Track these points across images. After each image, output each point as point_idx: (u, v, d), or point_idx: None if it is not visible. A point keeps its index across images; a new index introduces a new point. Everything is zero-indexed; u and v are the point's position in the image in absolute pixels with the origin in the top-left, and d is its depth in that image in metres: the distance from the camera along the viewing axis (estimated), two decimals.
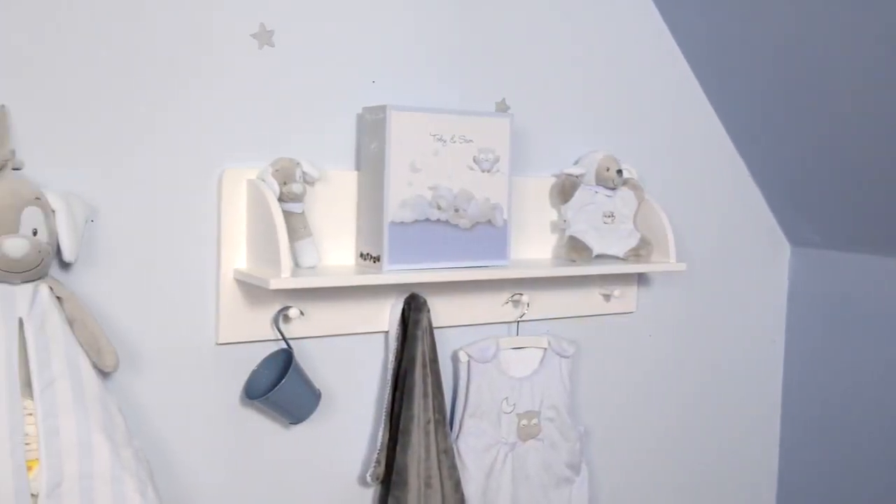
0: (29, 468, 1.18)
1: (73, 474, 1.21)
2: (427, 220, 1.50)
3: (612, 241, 1.76)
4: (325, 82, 1.52)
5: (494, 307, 1.73)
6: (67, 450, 1.20)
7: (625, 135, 1.89)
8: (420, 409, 1.54)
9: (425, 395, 1.55)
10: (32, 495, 1.18)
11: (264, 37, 1.45)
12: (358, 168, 1.55)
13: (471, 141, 1.53)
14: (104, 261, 1.35)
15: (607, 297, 1.87)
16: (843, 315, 2.10)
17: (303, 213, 1.45)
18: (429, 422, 1.56)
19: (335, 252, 1.53)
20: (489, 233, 1.57)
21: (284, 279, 1.33)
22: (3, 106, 1.24)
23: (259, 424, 1.51)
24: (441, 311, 1.64)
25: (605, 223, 1.76)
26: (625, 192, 1.79)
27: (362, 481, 1.62)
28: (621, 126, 1.88)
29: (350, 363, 1.59)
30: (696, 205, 2.03)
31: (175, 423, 1.43)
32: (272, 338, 1.49)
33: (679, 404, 2.08)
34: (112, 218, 1.35)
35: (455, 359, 1.69)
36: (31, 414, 1.19)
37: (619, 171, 1.76)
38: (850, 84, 1.71)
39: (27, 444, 1.18)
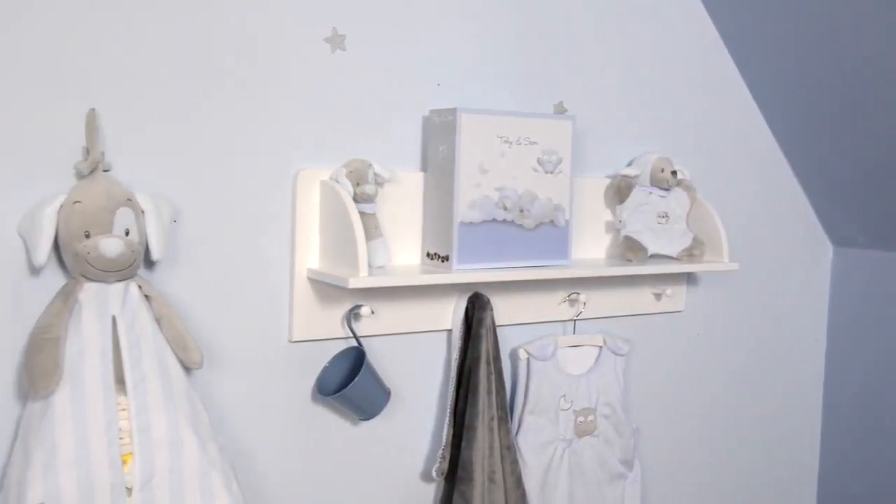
0: (123, 462, 1.21)
1: (163, 469, 1.24)
2: (493, 220, 1.52)
3: (667, 241, 1.79)
4: (393, 85, 1.55)
5: (551, 305, 1.75)
6: (158, 445, 1.23)
7: (674, 136, 1.91)
8: (484, 405, 1.57)
9: (489, 392, 1.58)
10: (127, 488, 1.21)
11: (337, 41, 1.48)
12: (424, 169, 1.58)
13: (535, 143, 1.56)
14: (183, 260, 1.38)
15: (658, 297, 1.90)
16: (884, 315, 2.12)
17: (374, 213, 1.47)
18: (493, 418, 1.59)
19: (400, 252, 1.56)
20: (551, 233, 1.59)
21: (363, 278, 1.35)
22: (92, 109, 1.27)
23: (329, 420, 1.54)
24: (500, 309, 1.66)
25: (659, 223, 1.79)
26: (678, 193, 1.82)
27: (426, 476, 1.65)
28: (672, 128, 1.91)
29: (414, 360, 1.62)
30: (741, 205, 2.05)
31: (249, 419, 1.46)
32: (342, 336, 1.52)
33: (723, 403, 2.10)
34: (191, 218, 1.38)
35: (514, 356, 1.71)
36: (123, 409, 1.22)
37: (674, 172, 1.78)
38: (892, 83, 1.73)
39: (121, 438, 1.21)
